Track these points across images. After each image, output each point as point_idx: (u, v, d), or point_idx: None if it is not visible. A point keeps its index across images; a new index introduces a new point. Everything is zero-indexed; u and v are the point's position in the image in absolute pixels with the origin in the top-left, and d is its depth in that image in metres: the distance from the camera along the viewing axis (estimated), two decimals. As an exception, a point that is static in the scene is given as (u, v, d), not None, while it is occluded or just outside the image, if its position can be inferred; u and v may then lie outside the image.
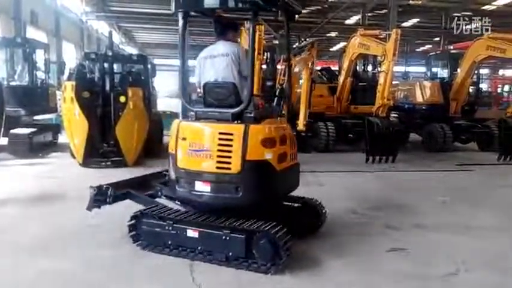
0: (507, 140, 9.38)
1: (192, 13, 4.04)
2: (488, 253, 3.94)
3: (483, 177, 7.89)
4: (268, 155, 3.51)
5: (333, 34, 27.88)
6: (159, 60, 35.17)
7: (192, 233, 3.54)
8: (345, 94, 10.91)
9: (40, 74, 10.27)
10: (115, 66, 8.30)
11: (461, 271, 3.50)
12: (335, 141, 10.17)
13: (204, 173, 3.54)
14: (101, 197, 4.15)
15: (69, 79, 8.01)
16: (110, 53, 8.12)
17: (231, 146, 3.46)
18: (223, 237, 3.38)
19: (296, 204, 4.23)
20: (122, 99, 7.75)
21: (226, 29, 4.09)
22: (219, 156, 3.48)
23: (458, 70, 11.42)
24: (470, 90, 12.03)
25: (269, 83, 10.47)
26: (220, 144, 3.48)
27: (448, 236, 4.39)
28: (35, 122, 10.09)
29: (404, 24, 26.08)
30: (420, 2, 22.90)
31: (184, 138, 3.63)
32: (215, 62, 3.91)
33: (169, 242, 3.67)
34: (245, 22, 7.18)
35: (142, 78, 9.30)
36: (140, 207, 4.05)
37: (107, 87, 7.96)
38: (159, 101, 16.04)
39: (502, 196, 6.38)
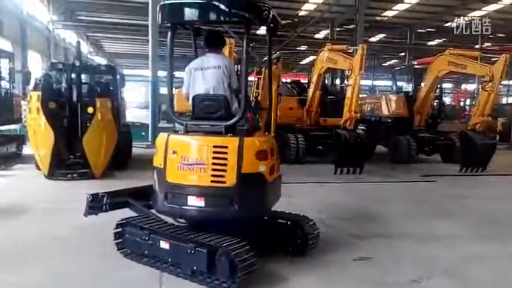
0: (468, 152, 9.74)
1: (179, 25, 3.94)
2: (449, 261, 4.09)
3: (445, 187, 8.18)
4: (262, 168, 3.55)
5: (303, 48, 28.38)
6: (128, 70, 34.72)
7: (164, 244, 3.53)
8: (314, 107, 11.10)
9: (4, 84, 9.99)
10: (83, 76, 8.17)
11: (424, 278, 3.63)
12: (305, 153, 10.34)
13: (197, 187, 3.47)
14: (97, 204, 4.13)
15: (35, 89, 7.85)
16: (78, 63, 8.00)
17: (225, 159, 3.43)
18: (189, 251, 3.34)
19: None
20: (90, 110, 7.65)
21: (216, 42, 4.13)
22: (213, 169, 3.43)
23: (422, 84, 11.87)
24: (434, 103, 12.50)
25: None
26: (215, 158, 3.44)
27: (412, 245, 4.54)
28: (-2, 133, 9.79)
29: (372, 39, 26.88)
30: (386, 18, 23.73)
31: (174, 152, 3.53)
32: (206, 74, 3.92)
33: (146, 252, 3.67)
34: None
35: (111, 88, 9.20)
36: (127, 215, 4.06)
37: (74, 98, 7.84)
38: (127, 112, 15.87)
39: (462, 206, 6.62)
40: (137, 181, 7.59)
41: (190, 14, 3.57)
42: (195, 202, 3.45)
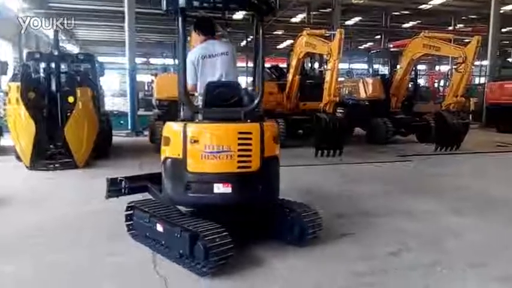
0: (442, 132, 10.08)
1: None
2: (425, 235, 4.33)
3: (420, 166, 8.49)
4: (277, 151, 3.75)
5: (280, 32, 28.41)
6: (102, 58, 34.13)
7: (159, 227, 3.63)
8: (294, 91, 11.24)
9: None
10: (61, 65, 8.09)
11: (403, 250, 3.86)
12: (285, 137, 10.50)
13: (224, 174, 3.48)
14: (116, 187, 4.27)
15: (13, 80, 7.74)
16: (56, 53, 7.92)
17: (250, 144, 3.50)
18: (176, 235, 3.41)
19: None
20: (71, 99, 7.61)
21: (212, 28, 4.18)
22: (239, 155, 3.47)
23: (398, 67, 12.14)
24: (409, 85, 12.82)
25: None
26: (240, 144, 3.47)
27: (390, 221, 4.77)
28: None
29: (348, 22, 27.10)
30: (362, 1, 23.91)
31: (196, 141, 3.47)
32: (216, 61, 3.94)
33: (148, 234, 3.80)
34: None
35: (90, 77, 9.14)
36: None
37: (53, 88, 7.78)
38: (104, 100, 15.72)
39: (436, 184, 6.93)
40: (121, 169, 7.71)
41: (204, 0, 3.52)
42: (221, 189, 3.46)
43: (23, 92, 7.33)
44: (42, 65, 8.17)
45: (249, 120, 3.62)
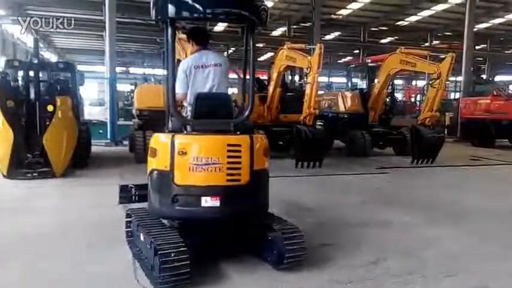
0: (418, 145, 10.34)
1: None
2: (403, 244, 4.46)
3: (397, 178, 8.69)
4: (267, 164, 3.69)
5: (261, 45, 28.68)
6: (80, 66, 33.79)
7: (142, 236, 3.62)
8: (275, 103, 11.38)
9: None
10: (40, 74, 8.02)
11: (381, 260, 3.96)
12: (266, 148, 10.57)
13: (212, 187, 3.40)
14: (126, 194, 4.30)
15: (-9, 88, 7.63)
16: (36, 61, 7.86)
17: (240, 157, 3.44)
18: (148, 246, 3.37)
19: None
20: (50, 108, 7.56)
21: (207, 38, 4.17)
22: (228, 168, 3.40)
23: (376, 81, 12.44)
24: (387, 100, 13.13)
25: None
26: (229, 156, 3.41)
27: (369, 230, 4.88)
28: None
29: (327, 37, 27.63)
30: (341, 16, 24.47)
31: (184, 153, 3.39)
32: (209, 72, 3.91)
33: (136, 242, 3.83)
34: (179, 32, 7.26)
35: (70, 86, 9.08)
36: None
37: (32, 96, 7.70)
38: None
39: (413, 195, 7.12)
40: (99, 179, 7.68)
41: (194, 9, 3.36)
42: (209, 203, 3.39)
43: (1, 101, 7.23)
44: (21, 73, 8.10)
45: (238, 132, 3.57)
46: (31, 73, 7.75)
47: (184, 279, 3.15)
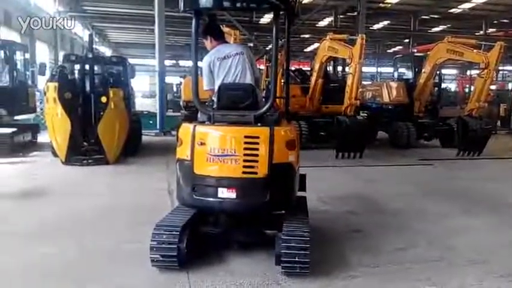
0: (464, 137, 10.09)
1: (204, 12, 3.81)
2: (433, 233, 4.52)
3: (440, 170, 8.58)
4: (291, 157, 3.52)
5: (307, 35, 28.56)
6: (133, 60, 35.17)
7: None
8: (317, 94, 11.43)
9: (20, 75, 10.45)
10: (95, 67, 8.59)
11: (409, 247, 4.07)
12: (308, 139, 10.72)
13: (228, 179, 3.40)
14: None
15: (51, 80, 8.28)
16: (91, 55, 8.42)
17: (257, 149, 3.37)
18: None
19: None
20: (103, 99, 8.08)
21: (222, 32, 4.28)
22: (245, 160, 3.36)
23: (422, 71, 12.17)
24: (434, 90, 12.81)
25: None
26: (246, 148, 3.36)
27: (401, 220, 4.97)
28: (14, 122, 10.28)
29: (376, 26, 27.03)
30: (390, 5, 23.84)
31: (202, 143, 3.42)
32: (230, 63, 3.92)
33: None
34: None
35: (122, 79, 9.64)
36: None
37: (87, 88, 8.28)
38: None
39: (453, 187, 7.01)
40: (149, 167, 8.15)
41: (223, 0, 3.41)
42: (226, 194, 3.39)
43: (59, 92, 7.84)
44: (77, 66, 8.70)
45: (259, 124, 3.48)
46: (86, 67, 8.29)
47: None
